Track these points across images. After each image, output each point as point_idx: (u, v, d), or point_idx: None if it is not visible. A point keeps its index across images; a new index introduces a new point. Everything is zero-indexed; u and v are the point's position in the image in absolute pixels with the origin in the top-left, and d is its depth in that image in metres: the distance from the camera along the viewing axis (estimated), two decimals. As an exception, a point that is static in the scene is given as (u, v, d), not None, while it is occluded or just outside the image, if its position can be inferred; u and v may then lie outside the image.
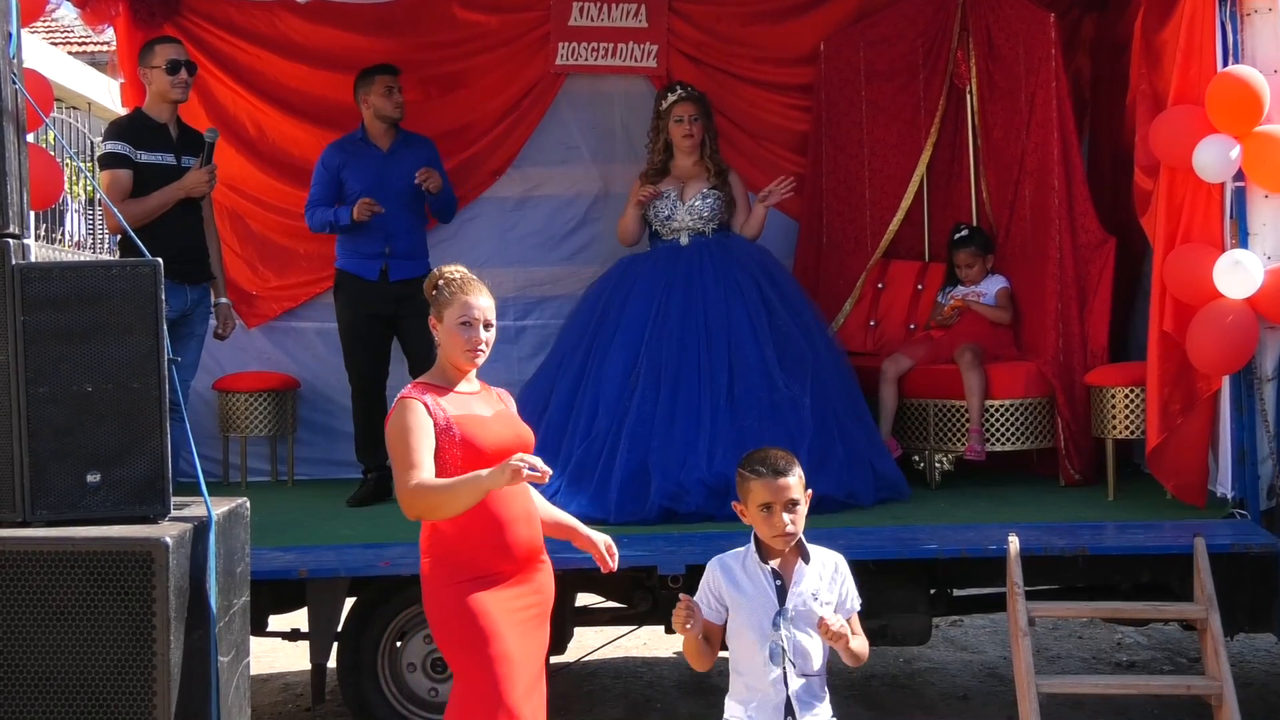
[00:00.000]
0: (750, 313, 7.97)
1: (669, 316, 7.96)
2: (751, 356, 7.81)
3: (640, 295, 8.11)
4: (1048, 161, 8.39)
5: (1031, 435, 8.17)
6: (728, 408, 7.63)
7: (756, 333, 7.90)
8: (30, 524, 4.60)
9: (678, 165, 8.49)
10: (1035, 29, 8.58)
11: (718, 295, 8.01)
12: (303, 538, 6.99)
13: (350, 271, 8.40)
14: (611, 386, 7.76)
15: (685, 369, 7.78)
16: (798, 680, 4.42)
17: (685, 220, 8.32)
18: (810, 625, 4.45)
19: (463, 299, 4.82)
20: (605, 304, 8.21)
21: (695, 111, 8.44)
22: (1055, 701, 6.82)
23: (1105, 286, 8.16)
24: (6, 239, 4.66)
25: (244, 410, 8.84)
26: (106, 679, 4.32)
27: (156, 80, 7.80)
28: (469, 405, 4.82)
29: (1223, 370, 6.76)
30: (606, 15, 9.46)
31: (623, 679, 8.54)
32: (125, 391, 4.63)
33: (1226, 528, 6.67)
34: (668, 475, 7.28)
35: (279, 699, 8.32)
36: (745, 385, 7.72)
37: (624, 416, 7.65)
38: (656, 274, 8.19)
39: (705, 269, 8.12)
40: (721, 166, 8.47)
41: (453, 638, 4.73)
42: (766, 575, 4.50)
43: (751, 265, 8.23)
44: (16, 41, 4.82)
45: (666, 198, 8.36)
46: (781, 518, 4.44)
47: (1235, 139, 6.55)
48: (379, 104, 8.42)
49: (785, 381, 7.73)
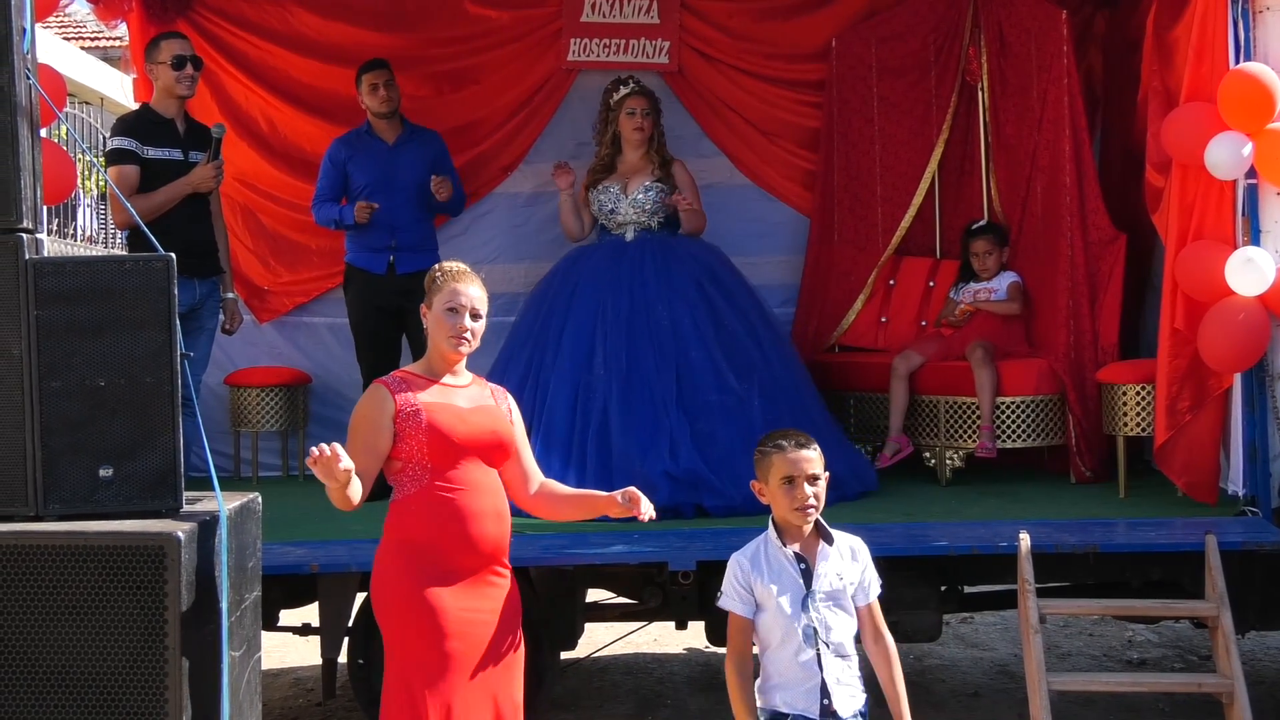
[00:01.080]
0: (694, 315, 7.97)
1: (616, 317, 7.95)
2: (698, 358, 7.82)
3: (584, 295, 8.12)
4: (1059, 158, 8.39)
5: (1042, 432, 8.17)
6: (679, 409, 7.63)
7: (701, 335, 7.90)
8: (43, 518, 4.60)
9: (624, 160, 8.54)
10: (1047, 25, 8.58)
11: (660, 296, 8.01)
12: (314, 532, 7.00)
13: (358, 266, 8.44)
14: (565, 387, 7.75)
15: (634, 370, 7.77)
16: (833, 661, 4.44)
17: (629, 214, 8.35)
18: (839, 605, 4.48)
19: (452, 285, 4.80)
20: (551, 301, 8.22)
21: (647, 106, 8.51)
22: (1066, 699, 6.81)
23: (1116, 283, 8.16)
24: (19, 234, 4.66)
25: (255, 405, 8.86)
26: (118, 673, 4.32)
27: (163, 76, 7.82)
28: (449, 396, 4.78)
29: (1234, 367, 6.76)
30: (619, 11, 9.47)
31: (633, 675, 8.54)
32: (138, 386, 4.63)
33: (1238, 525, 6.66)
34: (631, 471, 7.21)
35: (290, 694, 8.33)
36: (692, 386, 7.73)
37: (574, 418, 7.65)
38: (600, 271, 8.20)
39: (647, 268, 8.13)
40: (666, 158, 8.52)
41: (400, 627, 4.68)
42: (790, 559, 4.51)
43: (695, 266, 8.23)
44: (30, 37, 4.82)
45: (609, 192, 8.41)
46: (804, 489, 4.47)
47: (1247, 136, 6.54)
48: (366, 102, 8.52)
49: (735, 381, 7.74)
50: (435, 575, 4.64)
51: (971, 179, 9.35)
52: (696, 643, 8.62)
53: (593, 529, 6.60)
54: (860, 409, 8.86)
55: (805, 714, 4.43)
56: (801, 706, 4.44)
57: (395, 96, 8.53)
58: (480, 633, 4.67)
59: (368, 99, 8.49)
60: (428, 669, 4.59)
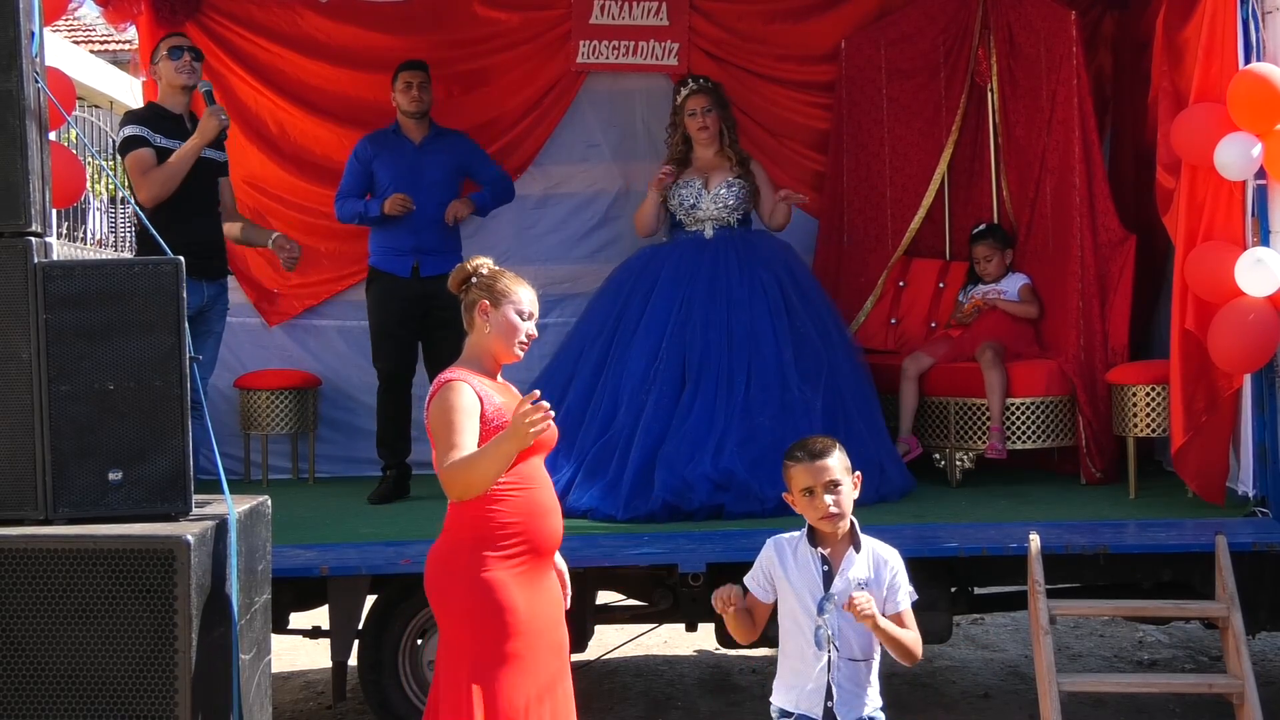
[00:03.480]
0: (772, 313, 7.97)
1: (693, 313, 7.96)
2: (770, 358, 7.82)
3: (665, 289, 8.11)
4: (1069, 159, 8.38)
5: (1052, 433, 8.16)
6: (742, 407, 7.64)
7: (777, 334, 7.90)
8: (52, 522, 4.61)
9: (698, 157, 8.49)
10: (1056, 26, 8.57)
11: (741, 294, 8.01)
12: (324, 535, 7.01)
13: (382, 269, 8.42)
14: (631, 381, 7.77)
15: (706, 368, 7.78)
16: (841, 665, 4.46)
17: (710, 210, 8.32)
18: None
19: (522, 289, 4.88)
20: (629, 294, 8.21)
21: (708, 103, 8.46)
22: (1077, 700, 6.80)
23: (1126, 284, 8.15)
24: (29, 237, 4.68)
25: (265, 408, 8.86)
26: (128, 677, 4.33)
27: (165, 71, 7.85)
28: (506, 394, 4.79)
29: (1244, 368, 6.74)
30: (628, 13, 9.47)
31: (643, 677, 8.54)
32: (147, 389, 4.64)
33: (1248, 526, 6.66)
34: (674, 471, 7.26)
35: (300, 697, 8.33)
36: (760, 385, 7.73)
37: (640, 412, 7.66)
38: (681, 267, 8.19)
39: (730, 265, 8.12)
40: (743, 156, 8.48)
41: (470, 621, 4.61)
42: (815, 560, 4.54)
43: (776, 263, 8.23)
44: (39, 40, 4.83)
45: (690, 186, 8.36)
46: (823, 499, 4.48)
47: (1257, 137, 6.53)
48: (398, 99, 8.50)
49: (799, 384, 7.74)
50: (505, 571, 4.59)
51: (981, 180, 9.35)
52: (707, 645, 8.62)
53: (603, 531, 6.60)
54: (870, 410, 8.83)
55: (808, 715, 4.47)
56: (805, 707, 4.47)
57: (427, 99, 8.53)
58: (542, 628, 4.68)
59: (400, 96, 8.49)
60: (497, 666, 4.55)
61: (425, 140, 8.53)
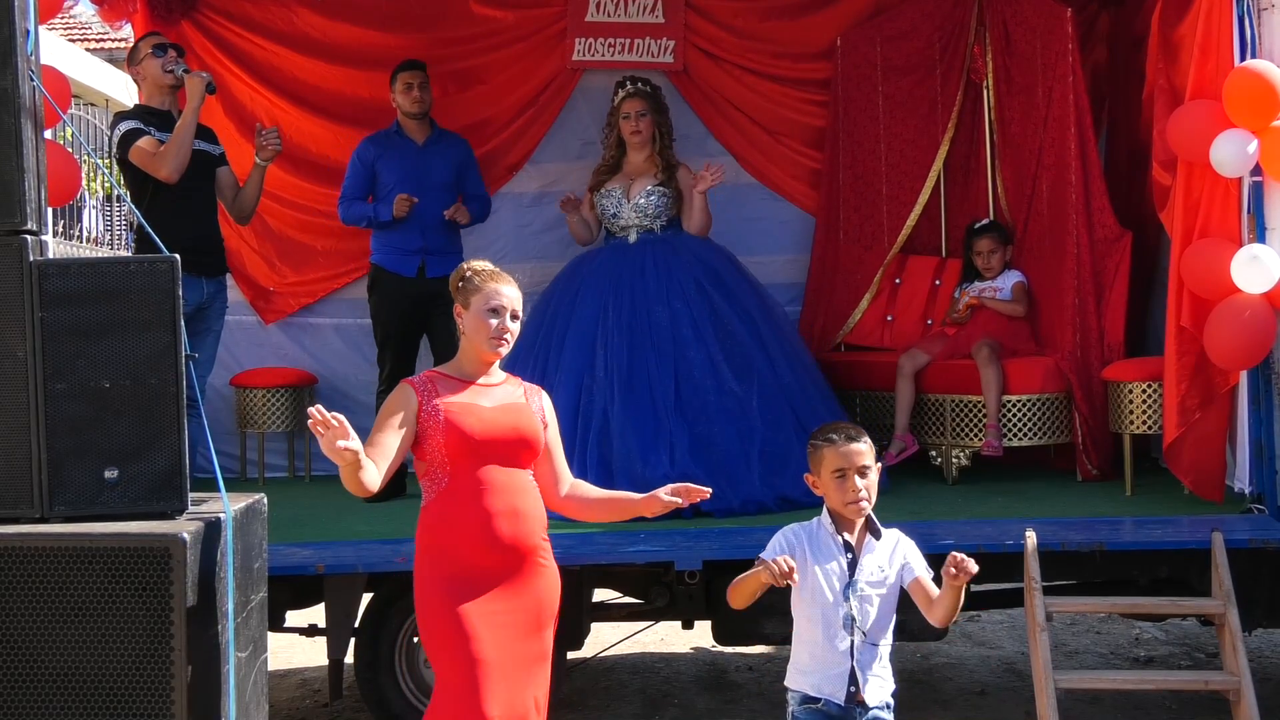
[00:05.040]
0: (694, 315, 7.96)
1: (617, 320, 7.95)
2: (697, 359, 7.81)
3: (587, 298, 8.12)
4: (1064, 156, 8.38)
5: (1049, 430, 8.16)
6: (677, 409, 7.63)
7: (700, 335, 7.88)
8: (48, 520, 4.61)
9: (629, 162, 8.52)
10: (1052, 23, 8.57)
11: (660, 297, 8.01)
12: (320, 533, 7.00)
13: (387, 268, 8.40)
14: (566, 391, 7.71)
15: (635, 372, 7.78)
16: (865, 649, 4.48)
17: (632, 217, 8.33)
18: (879, 597, 4.53)
19: (492, 286, 4.81)
20: (556, 305, 8.23)
21: (643, 107, 8.46)
22: (1073, 697, 6.81)
23: (1122, 281, 8.15)
24: (24, 235, 4.67)
25: (261, 406, 8.86)
26: (124, 675, 4.33)
27: (149, 69, 7.82)
28: (475, 396, 4.76)
29: (1240, 365, 6.75)
30: (623, 11, 9.46)
31: (640, 674, 8.54)
32: (143, 387, 4.64)
33: (1244, 523, 6.66)
34: (631, 475, 7.20)
35: (296, 694, 8.33)
36: (691, 386, 7.72)
37: (589, 420, 7.64)
38: (601, 275, 8.20)
39: (647, 270, 8.12)
40: (671, 162, 8.46)
41: (434, 635, 4.65)
42: (839, 546, 4.56)
43: (696, 265, 8.20)
44: (34, 38, 4.82)
45: (611, 196, 8.40)
46: (855, 483, 4.51)
47: (1253, 133, 6.53)
48: (399, 100, 8.48)
49: (732, 380, 7.73)
50: (458, 577, 4.61)
51: (977, 177, 9.35)
52: (703, 642, 8.62)
53: (599, 529, 6.60)
54: (866, 408, 8.84)
55: (832, 699, 4.48)
56: (828, 691, 4.49)
57: (428, 99, 8.52)
58: (508, 633, 4.64)
59: (400, 98, 8.48)
60: (461, 671, 4.55)
61: (428, 141, 8.52)
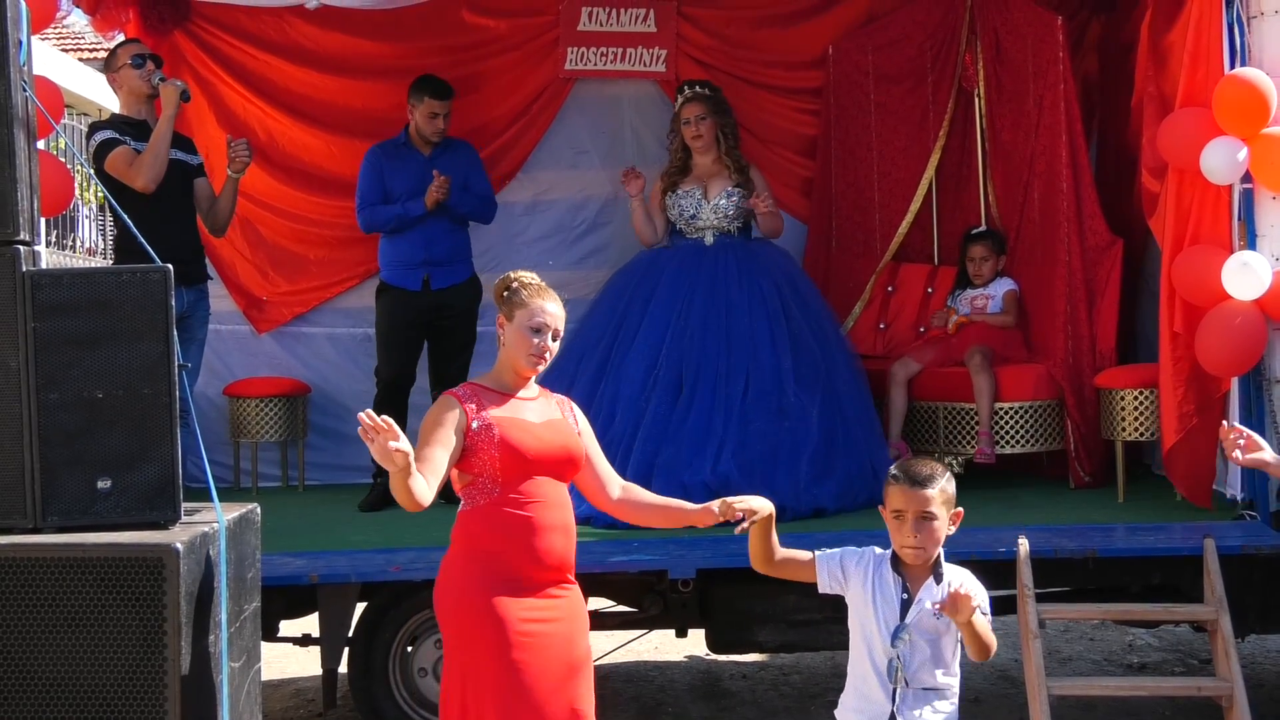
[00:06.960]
0: (771, 320, 7.97)
1: (691, 319, 7.96)
2: (768, 364, 7.82)
3: (664, 295, 8.11)
4: (1056, 164, 8.39)
5: (1041, 437, 8.17)
6: (739, 413, 7.63)
7: (774, 340, 7.90)
8: (41, 530, 4.61)
9: (697, 164, 8.48)
10: (1043, 31, 8.58)
11: (741, 300, 8.02)
12: (314, 543, 7.01)
13: (393, 284, 8.40)
14: (630, 387, 7.77)
15: (704, 374, 7.78)
16: (907, 695, 4.31)
17: (710, 219, 8.32)
18: (930, 641, 4.35)
19: (538, 303, 4.75)
20: (629, 300, 8.21)
21: (702, 111, 8.42)
22: (1066, 703, 6.81)
23: (1113, 288, 8.16)
24: (17, 246, 4.67)
25: (254, 415, 8.86)
26: (117, 685, 4.33)
27: (127, 79, 7.77)
28: (520, 410, 4.71)
29: (1231, 372, 6.76)
30: (615, 20, 9.45)
31: (634, 683, 8.54)
32: (136, 397, 4.64)
33: (1236, 529, 6.67)
34: (672, 478, 7.23)
35: (290, 704, 8.33)
36: (758, 391, 7.73)
37: (639, 419, 7.65)
38: (680, 273, 8.19)
39: (729, 272, 8.12)
40: (741, 163, 8.45)
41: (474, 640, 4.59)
42: (895, 586, 4.39)
43: (775, 270, 8.25)
44: (27, 48, 4.83)
45: (690, 196, 8.37)
46: (910, 528, 4.31)
47: (1243, 141, 6.54)
48: (419, 124, 8.42)
49: (796, 390, 7.74)
50: (503, 586, 4.56)
51: (969, 185, 9.36)
52: (697, 650, 8.61)
53: (593, 537, 6.60)
54: (859, 415, 8.84)
55: None
56: None
57: (447, 128, 8.52)
58: (547, 644, 4.60)
59: (423, 123, 8.41)
60: (492, 679, 4.52)
61: (435, 151, 8.49)
